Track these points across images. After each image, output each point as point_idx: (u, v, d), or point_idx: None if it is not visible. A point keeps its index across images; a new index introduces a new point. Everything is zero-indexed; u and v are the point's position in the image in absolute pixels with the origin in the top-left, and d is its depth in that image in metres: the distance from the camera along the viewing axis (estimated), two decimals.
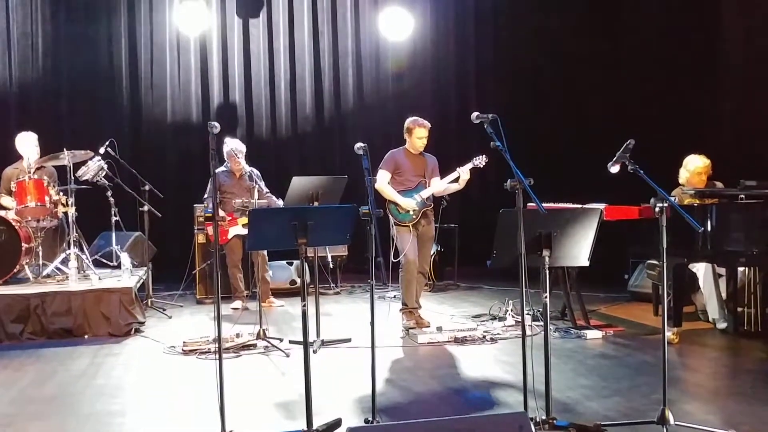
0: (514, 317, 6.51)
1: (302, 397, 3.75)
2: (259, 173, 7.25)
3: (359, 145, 4.38)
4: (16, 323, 6.29)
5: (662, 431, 3.67)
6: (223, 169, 7.56)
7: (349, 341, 5.98)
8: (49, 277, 7.08)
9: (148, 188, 7.76)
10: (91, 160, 7.39)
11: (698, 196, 6.07)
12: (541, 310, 4.09)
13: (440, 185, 6.46)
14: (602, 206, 5.82)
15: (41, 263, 7.14)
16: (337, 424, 3.90)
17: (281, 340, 5.91)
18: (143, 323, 6.68)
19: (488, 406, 4.38)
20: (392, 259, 6.40)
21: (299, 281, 8.36)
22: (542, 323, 3.83)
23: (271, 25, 10.37)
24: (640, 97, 9.49)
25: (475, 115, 4.10)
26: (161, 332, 6.53)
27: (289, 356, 5.55)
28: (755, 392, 4.52)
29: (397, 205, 6.33)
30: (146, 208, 7.73)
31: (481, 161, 6.34)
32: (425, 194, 6.38)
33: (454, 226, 9.22)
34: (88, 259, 7.34)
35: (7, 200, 7.30)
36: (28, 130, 7.57)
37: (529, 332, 3.75)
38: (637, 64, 9.60)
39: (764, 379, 4.86)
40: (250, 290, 7.80)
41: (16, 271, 6.86)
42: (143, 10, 9.87)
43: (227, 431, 3.69)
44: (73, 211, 7.10)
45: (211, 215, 7.24)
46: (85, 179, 7.34)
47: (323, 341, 5.91)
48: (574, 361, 5.33)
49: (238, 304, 7.68)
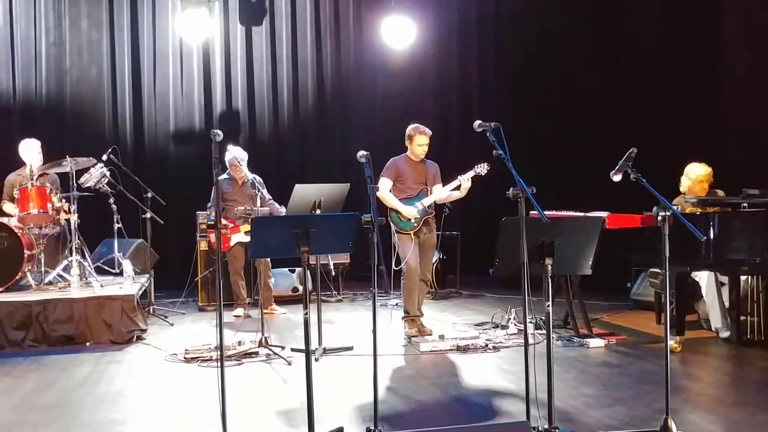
0: (516, 325, 6.51)
1: (304, 405, 3.74)
2: (261, 180, 7.26)
3: (361, 153, 4.39)
4: (17, 330, 6.30)
5: None
6: (225, 176, 7.57)
7: (351, 349, 5.97)
8: (51, 284, 7.09)
9: (150, 195, 7.77)
10: (93, 167, 7.41)
11: (701, 205, 6.06)
12: (543, 318, 4.08)
13: (442, 193, 6.46)
14: (605, 214, 5.84)
15: (43, 270, 7.15)
16: None
17: (283, 347, 5.91)
18: (145, 330, 6.68)
19: (490, 415, 4.36)
20: (394, 267, 6.40)
21: (301, 289, 8.41)
22: (545, 332, 3.82)
23: (273, 32, 10.40)
24: (642, 105, 9.49)
25: (477, 123, 4.10)
26: (163, 340, 6.54)
27: (290, 364, 5.54)
28: (758, 401, 4.50)
29: (398, 212, 6.32)
30: (148, 215, 7.74)
31: (482, 169, 6.34)
32: (427, 202, 6.38)
33: (456, 233, 9.22)
34: (90, 266, 7.34)
35: (9, 207, 7.32)
36: (31, 137, 7.60)
37: (531, 341, 3.74)
38: (639, 72, 9.61)
39: (767, 388, 4.85)
40: (252, 298, 7.80)
41: (18, 278, 6.87)
42: (146, 18, 9.90)
43: None
44: (75, 218, 7.11)
45: (213, 223, 7.25)
46: (87, 186, 7.35)
47: (325, 349, 5.90)
48: (576, 369, 5.31)
49: (240, 311, 7.68)
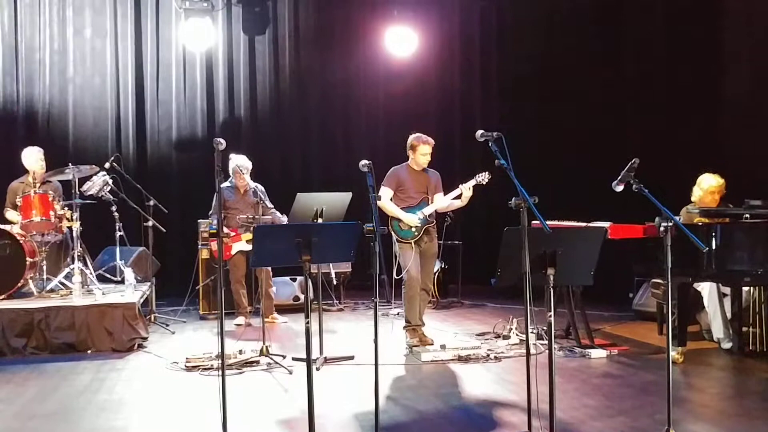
0: (518, 336, 6.50)
1: (305, 414, 3.73)
2: (263, 189, 7.28)
3: (364, 162, 4.40)
4: (19, 337, 6.29)
5: None
6: (227, 184, 7.57)
7: (352, 358, 5.96)
8: (53, 291, 7.09)
9: (152, 203, 7.77)
10: (96, 175, 7.43)
11: (704, 215, 6.05)
12: (545, 328, 4.08)
13: (443, 202, 6.46)
14: (607, 225, 5.83)
15: (45, 278, 7.16)
16: None
17: (284, 356, 5.90)
18: (146, 339, 6.67)
19: (492, 425, 4.35)
20: (395, 276, 6.39)
21: (302, 298, 8.41)
22: (546, 342, 3.81)
23: (276, 41, 10.43)
24: (645, 114, 9.49)
25: (479, 133, 4.11)
26: (164, 348, 6.53)
27: (291, 373, 5.53)
28: (761, 413, 4.48)
29: (399, 221, 6.32)
30: (150, 223, 7.74)
31: (483, 178, 6.33)
32: (428, 211, 6.37)
33: (458, 243, 9.21)
34: (92, 273, 7.35)
35: (12, 214, 7.33)
36: (34, 144, 7.62)
37: (533, 351, 3.73)
38: (642, 81, 9.62)
39: None
40: (253, 306, 7.80)
41: (20, 285, 6.87)
42: (150, 26, 9.93)
43: None
44: (77, 225, 7.12)
45: (215, 231, 7.25)
46: (90, 194, 7.36)
47: (326, 358, 5.89)
48: (578, 380, 5.30)
49: (241, 320, 7.67)
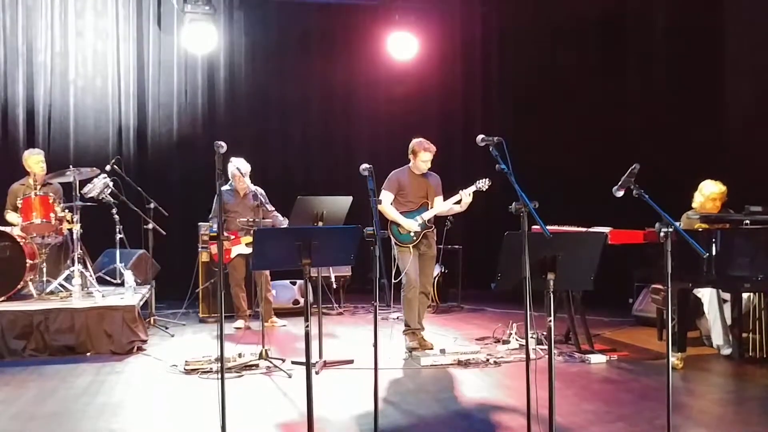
0: (517, 340, 6.49)
1: (304, 418, 3.73)
2: (263, 192, 7.27)
3: (364, 166, 4.41)
4: (18, 339, 6.29)
5: None
6: (227, 187, 7.57)
7: (351, 362, 5.95)
8: (52, 293, 7.09)
9: (152, 206, 7.78)
10: (96, 177, 7.43)
11: (704, 221, 6.05)
12: (545, 333, 4.07)
13: (443, 207, 6.45)
14: (607, 230, 5.83)
15: (45, 280, 7.16)
16: None
17: (283, 360, 5.89)
18: (146, 341, 6.66)
19: (491, 430, 4.34)
20: (394, 279, 6.38)
21: (302, 301, 8.40)
22: (546, 347, 3.81)
23: (280, 44, 10.43)
24: (645, 120, 9.50)
25: (480, 137, 4.11)
26: (163, 351, 6.53)
27: (291, 377, 5.52)
28: (760, 419, 4.48)
29: (398, 225, 6.32)
30: (151, 225, 7.74)
31: (484, 185, 6.33)
32: (427, 216, 6.37)
33: (458, 247, 9.19)
34: (91, 276, 7.34)
35: (12, 216, 7.33)
36: (35, 146, 7.63)
37: (533, 356, 3.72)
38: (643, 87, 9.63)
39: None
40: (252, 310, 7.79)
41: (20, 287, 6.86)
42: (151, 29, 9.94)
43: None
44: (78, 228, 7.12)
45: (215, 234, 7.25)
46: (90, 196, 7.36)
47: (326, 362, 5.89)
48: (578, 385, 5.29)
49: (240, 323, 7.67)
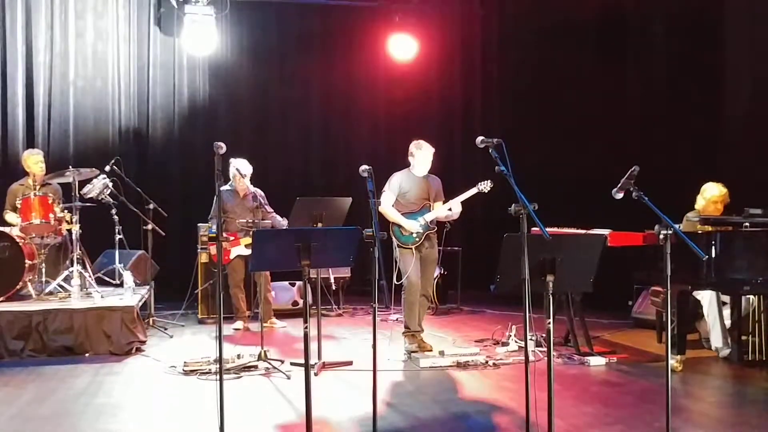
0: (517, 342, 6.49)
1: (303, 419, 3.73)
2: (263, 194, 7.26)
3: (364, 167, 4.41)
4: (17, 340, 6.28)
5: None
6: (227, 188, 7.56)
7: (350, 364, 5.95)
8: (51, 294, 7.08)
9: (152, 207, 7.77)
10: (96, 178, 7.42)
11: (704, 223, 6.05)
12: (544, 335, 4.07)
13: (442, 211, 6.45)
14: (607, 232, 5.82)
15: (44, 280, 7.15)
16: None
17: (282, 361, 5.88)
18: (144, 342, 6.65)
19: None
20: (395, 281, 6.38)
21: (301, 302, 8.38)
22: (545, 349, 3.80)
23: (280, 46, 10.42)
24: (645, 121, 9.49)
25: (480, 139, 4.10)
26: (162, 352, 6.52)
27: (290, 378, 5.52)
28: (760, 421, 4.47)
29: (400, 227, 6.32)
30: (150, 226, 7.74)
31: (485, 186, 6.33)
32: (429, 217, 6.37)
33: (457, 249, 9.19)
34: (90, 276, 7.34)
35: (12, 216, 7.32)
36: (34, 147, 7.63)
37: (532, 358, 3.72)
38: (642, 90, 9.62)
39: None
40: (251, 311, 7.79)
41: (18, 287, 6.85)
42: (152, 30, 9.93)
43: None
44: (77, 228, 7.12)
45: (215, 235, 7.24)
46: (89, 197, 7.36)
47: (324, 363, 5.88)
48: (577, 387, 5.29)
49: (239, 324, 7.66)
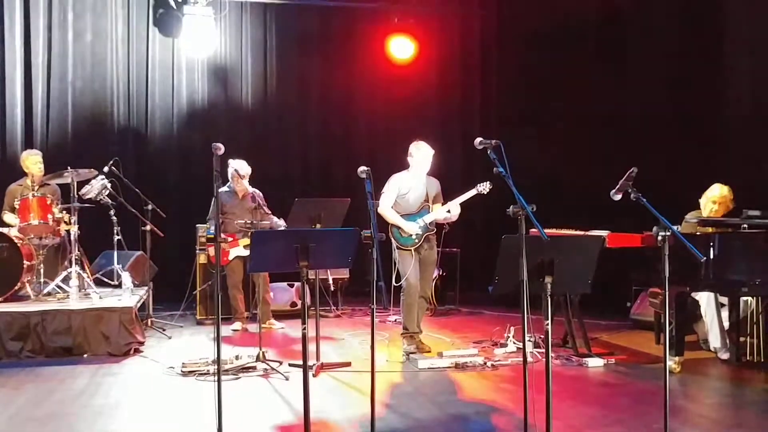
0: (515, 344, 6.49)
1: (301, 420, 3.73)
2: (261, 194, 7.26)
3: (362, 168, 4.41)
4: (15, 341, 6.27)
5: None
6: (225, 189, 7.56)
7: (348, 365, 5.95)
8: (49, 295, 7.07)
9: (150, 208, 7.76)
10: (94, 178, 7.41)
11: (702, 225, 6.05)
12: (542, 337, 4.07)
13: (441, 213, 6.45)
14: (605, 233, 5.83)
15: (42, 281, 7.14)
16: None
17: (281, 362, 5.88)
18: (143, 343, 6.65)
19: None
20: (394, 283, 6.38)
21: (300, 303, 8.38)
22: (544, 350, 3.81)
23: (279, 47, 10.41)
24: (644, 123, 9.49)
25: (478, 140, 4.10)
26: (160, 353, 6.51)
27: (288, 379, 5.52)
28: (758, 423, 4.48)
29: (399, 228, 6.32)
30: (148, 227, 7.73)
31: (485, 188, 6.34)
32: (428, 219, 6.37)
33: (456, 250, 9.19)
34: (89, 277, 7.33)
35: (10, 217, 7.32)
36: (33, 147, 7.62)
37: (530, 359, 3.72)
38: (643, 92, 9.62)
39: (766, 410, 4.82)
40: (250, 312, 7.79)
41: (17, 288, 6.85)
42: (150, 31, 9.92)
43: None
44: (75, 229, 7.11)
45: (213, 236, 7.24)
46: (88, 198, 7.34)
47: (323, 365, 5.88)
48: (575, 389, 5.29)
49: (238, 325, 7.65)
